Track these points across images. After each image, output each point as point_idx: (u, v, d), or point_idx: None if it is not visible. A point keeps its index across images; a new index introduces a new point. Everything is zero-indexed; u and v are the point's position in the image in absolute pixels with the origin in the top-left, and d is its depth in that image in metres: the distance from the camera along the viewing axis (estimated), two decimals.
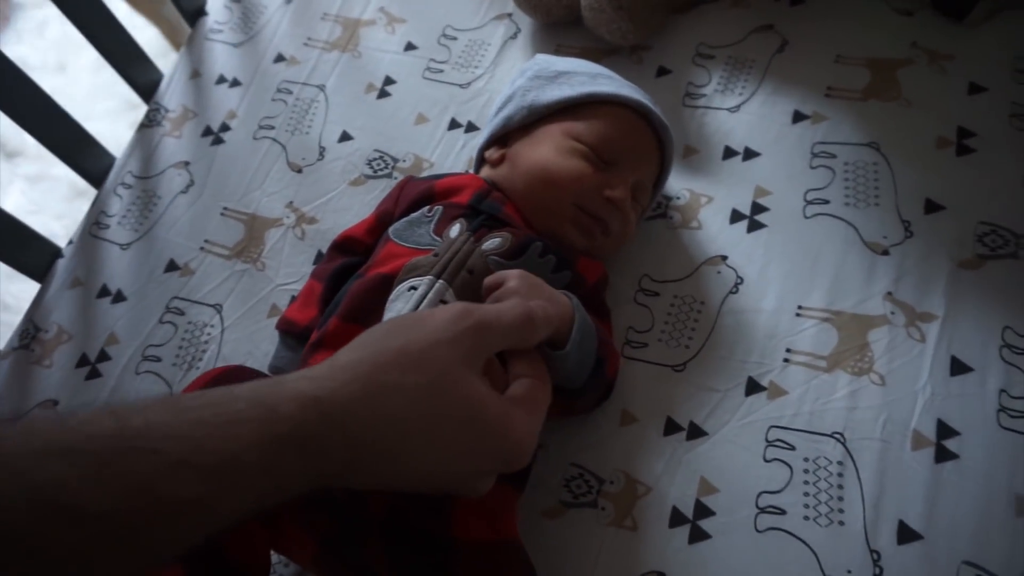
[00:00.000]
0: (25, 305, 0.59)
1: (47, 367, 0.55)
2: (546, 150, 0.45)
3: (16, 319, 0.58)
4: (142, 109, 0.67)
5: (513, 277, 0.37)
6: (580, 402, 0.43)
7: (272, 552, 0.41)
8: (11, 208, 0.57)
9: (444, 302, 0.41)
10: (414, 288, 0.42)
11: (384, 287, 0.43)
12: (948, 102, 0.54)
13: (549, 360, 0.37)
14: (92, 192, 0.64)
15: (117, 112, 1.16)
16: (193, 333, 0.55)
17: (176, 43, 0.94)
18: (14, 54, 0.56)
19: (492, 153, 0.49)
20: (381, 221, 0.50)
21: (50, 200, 1.09)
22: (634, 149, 0.47)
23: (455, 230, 0.45)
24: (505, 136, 0.49)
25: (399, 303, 0.42)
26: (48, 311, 0.58)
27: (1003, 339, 0.44)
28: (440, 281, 0.41)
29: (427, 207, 0.47)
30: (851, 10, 0.59)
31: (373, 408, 0.28)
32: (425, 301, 0.41)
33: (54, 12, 0.59)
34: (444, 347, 0.30)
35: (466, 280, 0.42)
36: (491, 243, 0.43)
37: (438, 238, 0.45)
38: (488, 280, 0.38)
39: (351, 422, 0.27)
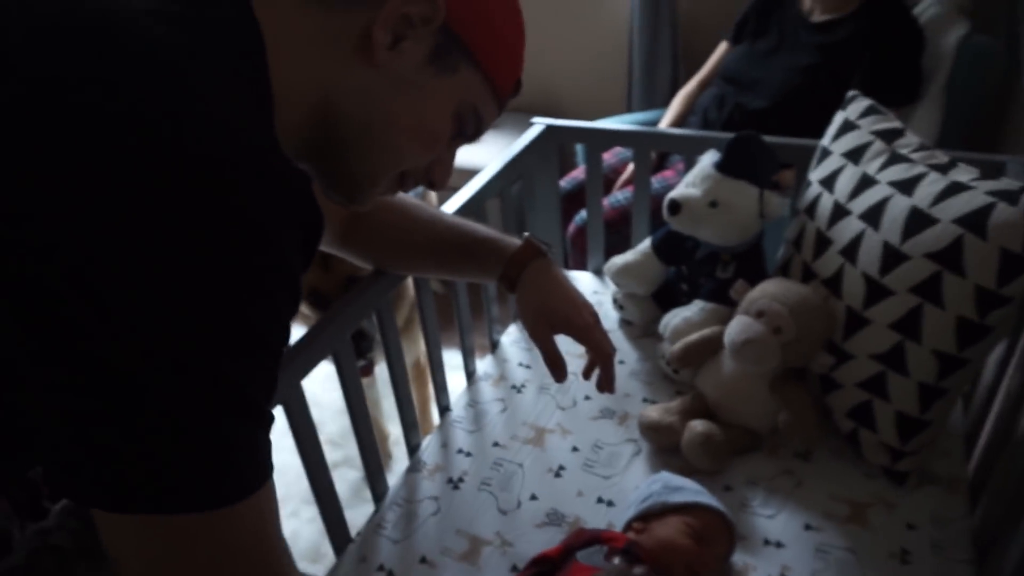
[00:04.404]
0: None
1: None
2: (671, 531, 0.85)
3: None
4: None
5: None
6: None
7: None
8: None
9: None
10: None
11: None
12: (897, 534, 0.93)
13: None
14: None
15: None
16: None
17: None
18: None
19: (638, 525, 0.89)
20: (566, 549, 0.89)
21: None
22: (717, 534, 0.86)
23: (616, 561, 0.83)
24: (646, 517, 0.90)
25: None
26: None
27: None
28: None
29: (598, 545, 0.87)
30: (837, 469, 1.02)
31: None
32: None
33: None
34: None
35: None
36: (637, 571, 0.81)
37: (606, 563, 0.83)
38: None
39: None
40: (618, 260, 1.28)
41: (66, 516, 0.54)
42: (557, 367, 0.87)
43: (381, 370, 1.48)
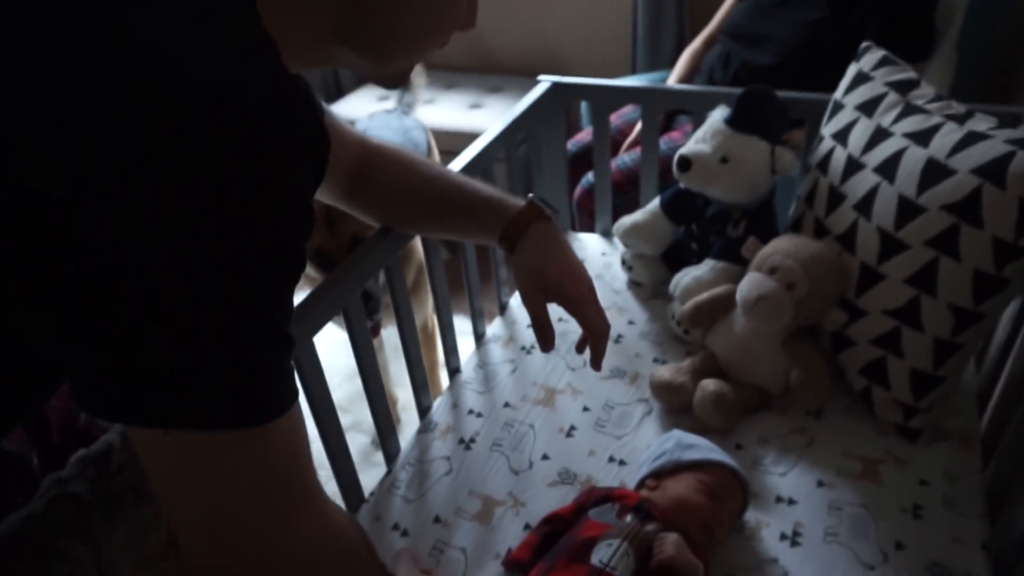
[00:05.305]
0: None
1: None
2: (684, 488, 0.85)
3: None
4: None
5: (672, 535, 0.75)
6: None
7: None
8: None
9: (627, 554, 0.78)
10: (610, 544, 0.79)
11: (591, 544, 0.80)
12: (909, 490, 0.93)
13: None
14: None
15: None
16: (449, 563, 0.91)
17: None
18: None
19: (651, 483, 0.89)
20: (578, 508, 0.89)
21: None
22: (730, 491, 0.86)
23: (629, 518, 0.83)
24: (659, 474, 0.90)
25: (601, 552, 0.79)
26: None
27: None
28: (625, 542, 0.79)
29: (610, 503, 0.86)
30: (850, 427, 1.02)
31: None
32: (618, 553, 0.78)
33: None
34: None
35: (637, 544, 0.79)
36: (649, 527, 0.81)
37: (619, 520, 0.83)
38: (660, 535, 0.76)
39: None
40: (627, 220, 1.27)
41: (84, 466, 0.54)
42: (545, 336, 0.84)
43: (388, 335, 1.48)
